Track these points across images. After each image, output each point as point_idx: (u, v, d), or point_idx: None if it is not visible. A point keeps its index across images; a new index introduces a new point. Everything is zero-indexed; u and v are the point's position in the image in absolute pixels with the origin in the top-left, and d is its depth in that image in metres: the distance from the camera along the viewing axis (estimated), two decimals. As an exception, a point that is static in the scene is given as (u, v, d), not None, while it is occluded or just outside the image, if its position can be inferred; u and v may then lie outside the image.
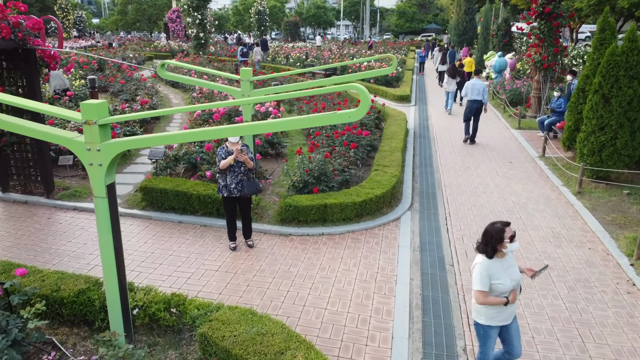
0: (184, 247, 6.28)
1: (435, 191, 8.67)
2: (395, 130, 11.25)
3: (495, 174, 9.63)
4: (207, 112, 11.32)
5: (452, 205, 8.00)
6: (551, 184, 9.10)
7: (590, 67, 9.82)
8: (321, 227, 6.83)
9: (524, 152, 11.33)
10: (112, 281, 4.06)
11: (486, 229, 3.63)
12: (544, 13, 13.63)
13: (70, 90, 12.30)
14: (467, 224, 7.29)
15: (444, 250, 6.45)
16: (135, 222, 7.03)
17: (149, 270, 5.70)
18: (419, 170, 9.93)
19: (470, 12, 36.67)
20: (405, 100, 17.60)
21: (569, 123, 10.13)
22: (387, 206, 7.62)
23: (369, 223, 7.03)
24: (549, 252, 6.47)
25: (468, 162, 10.42)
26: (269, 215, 7.16)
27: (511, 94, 16.56)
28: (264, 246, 6.33)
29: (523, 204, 8.12)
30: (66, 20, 46.41)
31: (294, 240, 6.52)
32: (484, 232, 3.65)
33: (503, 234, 3.54)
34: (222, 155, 5.84)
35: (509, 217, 7.53)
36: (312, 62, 25.19)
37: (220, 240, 6.46)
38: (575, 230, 7.14)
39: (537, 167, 10.16)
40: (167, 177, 7.41)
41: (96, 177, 3.79)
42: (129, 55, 24.22)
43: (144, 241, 6.44)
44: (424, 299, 5.31)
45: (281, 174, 8.59)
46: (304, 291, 5.28)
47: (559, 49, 13.92)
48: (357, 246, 6.40)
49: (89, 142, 3.73)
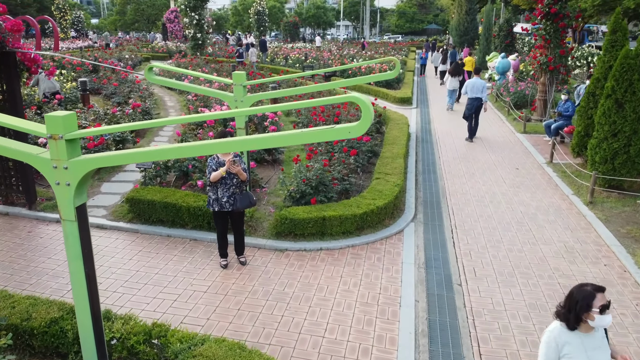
0: (171, 264, 5.85)
1: (439, 200, 8.24)
2: (396, 135, 10.82)
3: (502, 182, 9.20)
4: (202, 116, 10.88)
5: (458, 216, 7.58)
6: (561, 193, 8.68)
7: (601, 70, 9.40)
8: (319, 241, 6.40)
9: (530, 157, 10.91)
10: (84, 312, 3.64)
11: (571, 291, 2.86)
12: (550, 13, 13.21)
13: (60, 93, 11.86)
14: (474, 237, 6.86)
15: (450, 267, 6.02)
16: (121, 236, 6.60)
17: (132, 291, 5.27)
18: (422, 177, 9.51)
19: (472, 13, 36.29)
20: (407, 102, 17.17)
21: (578, 128, 9.70)
22: (390, 217, 7.20)
23: (371, 237, 6.60)
24: (562, 269, 6.04)
25: (473, 169, 9.99)
26: (263, 227, 6.73)
27: (515, 96, 16.13)
28: (257, 263, 5.90)
29: (532, 214, 7.69)
30: (63, 20, 45.96)
31: (289, 256, 6.09)
32: (568, 294, 2.88)
33: (592, 300, 2.73)
34: (213, 167, 5.41)
35: (519, 230, 7.10)
36: (312, 63, 24.77)
37: (210, 256, 6.03)
38: (589, 244, 6.71)
39: (545, 174, 9.73)
40: (155, 188, 6.98)
41: (64, 198, 3.36)
42: (124, 56, 23.77)
43: (129, 257, 6.01)
44: (431, 324, 4.88)
45: (277, 183, 8.16)
46: (300, 316, 4.86)
47: (566, 50, 13.49)
48: (358, 263, 5.97)
49: (55, 159, 3.30)
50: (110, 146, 8.80)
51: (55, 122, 3.21)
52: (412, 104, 17.37)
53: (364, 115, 2.79)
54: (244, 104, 6.31)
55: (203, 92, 6.48)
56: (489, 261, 6.18)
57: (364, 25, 65.72)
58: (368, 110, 2.76)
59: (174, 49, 31.72)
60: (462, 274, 5.85)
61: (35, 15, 39.71)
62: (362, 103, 2.78)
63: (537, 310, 5.13)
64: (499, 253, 6.40)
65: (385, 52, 31.94)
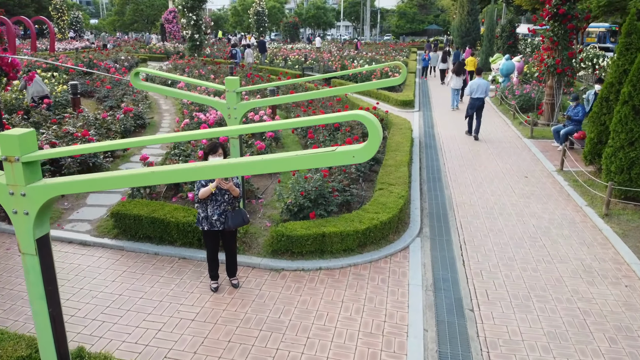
0: (157, 287, 5.38)
1: (446, 212, 7.78)
2: (399, 141, 10.36)
3: (511, 191, 8.74)
4: (196, 121, 10.43)
5: (467, 230, 7.11)
6: (574, 204, 8.22)
7: (614, 75, 8.94)
8: (319, 259, 5.94)
9: (539, 164, 10.44)
10: (49, 357, 3.17)
11: None
12: (558, 14, 12.75)
13: (49, 97, 11.39)
14: (484, 254, 6.39)
15: (461, 289, 5.56)
16: (105, 254, 6.13)
17: (113, 319, 4.81)
18: (427, 186, 9.05)
19: (474, 13, 35.80)
20: (409, 105, 16.72)
21: (591, 135, 9.24)
22: (394, 232, 6.73)
23: (374, 254, 6.14)
24: (581, 291, 5.58)
25: (480, 177, 9.53)
26: (258, 244, 6.26)
27: (521, 99, 15.67)
28: (251, 285, 5.43)
29: (545, 228, 7.23)
30: (61, 21, 45.47)
31: (286, 277, 5.63)
32: None
33: None
34: (202, 182, 4.95)
35: (532, 245, 6.64)
36: (312, 64, 24.31)
37: (200, 277, 5.57)
38: (608, 263, 6.25)
39: (556, 182, 9.27)
40: (142, 201, 6.51)
41: (22, 228, 2.90)
42: (120, 57, 23.31)
43: (112, 279, 5.55)
44: (441, 357, 4.42)
45: (274, 194, 7.69)
46: (297, 349, 4.39)
47: (574, 52, 13.04)
48: (361, 285, 5.50)
49: (12, 184, 2.84)
50: (99, 154, 8.34)
51: (11, 142, 2.74)
52: (415, 107, 16.91)
53: (371, 136, 2.33)
54: (237, 111, 5.85)
55: (193, 99, 6.02)
56: (502, 282, 5.72)
57: (364, 25, 65.26)
58: (376, 132, 2.31)
59: (172, 50, 31.28)
60: (473, 298, 5.39)
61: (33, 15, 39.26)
62: (368, 122, 2.32)
63: (557, 340, 4.67)
64: (512, 273, 5.94)
65: (386, 53, 31.47)
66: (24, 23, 25.77)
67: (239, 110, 5.86)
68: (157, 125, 12.42)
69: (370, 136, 2.32)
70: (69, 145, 8.33)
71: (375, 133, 2.30)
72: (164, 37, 40.55)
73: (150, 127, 12.07)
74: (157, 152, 10.04)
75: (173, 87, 15.91)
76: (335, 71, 21.83)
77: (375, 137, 2.32)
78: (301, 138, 11.40)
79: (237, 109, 5.85)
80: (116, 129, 10.03)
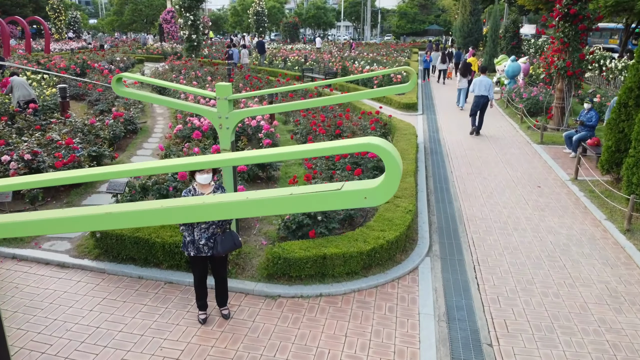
0: (139, 317, 4.83)
1: (456, 227, 7.23)
2: (404, 148, 9.81)
3: (525, 203, 8.19)
4: (190, 127, 9.88)
5: (480, 248, 6.56)
6: (592, 217, 7.67)
7: (634, 79, 8.39)
8: (319, 284, 5.39)
9: (552, 173, 9.89)
10: None
11: None
12: (569, 15, 12.20)
13: (36, 101, 10.83)
14: (500, 277, 5.84)
15: (477, 319, 5.01)
16: (85, 277, 5.58)
17: (88, 357, 4.26)
18: (434, 196, 8.50)
19: (476, 13, 35.26)
20: (412, 108, 16.17)
21: (608, 143, 8.69)
22: (401, 251, 6.18)
23: (380, 277, 5.59)
24: (608, 320, 5.04)
25: (491, 186, 8.98)
26: (252, 265, 5.71)
27: (528, 102, 15.11)
28: (243, 316, 4.88)
29: (564, 245, 6.68)
30: (58, 21, 44.94)
31: (283, 305, 5.07)
32: None
33: None
34: (188, 202, 4.39)
35: (551, 266, 6.09)
36: (312, 65, 23.76)
37: (187, 306, 5.02)
38: (634, 286, 5.71)
39: (571, 193, 8.72)
40: (127, 218, 5.95)
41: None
42: (116, 58, 22.75)
43: (89, 307, 5.00)
44: (459, 405, 3.87)
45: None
46: (295, 396, 3.85)
47: (586, 54, 12.48)
48: (366, 315, 4.95)
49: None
50: (83, 163, 7.79)
51: None
52: (418, 110, 16.36)
53: (388, 172, 1.77)
54: (229, 121, 5.30)
55: (180, 107, 5.47)
56: (521, 310, 5.17)
57: (364, 26, 64.71)
58: (394, 166, 1.75)
59: (169, 51, 30.74)
60: (491, 329, 4.84)
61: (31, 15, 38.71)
62: (384, 154, 1.76)
63: (587, 382, 4.13)
64: (533, 299, 5.39)
65: (387, 54, 30.93)
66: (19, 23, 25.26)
67: (231, 120, 5.31)
68: (149, 130, 11.86)
69: (388, 172, 1.77)
70: (53, 153, 7.78)
71: (393, 168, 1.75)
72: (162, 38, 40.02)
73: (142, 132, 11.51)
74: (148, 160, 9.49)
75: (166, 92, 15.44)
76: (335, 72, 21.28)
77: (394, 173, 1.77)
78: (300, 144, 10.85)
79: (229, 118, 5.30)
80: (105, 136, 9.48)
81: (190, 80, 16.62)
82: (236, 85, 16.59)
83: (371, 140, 1.77)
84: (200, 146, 8.21)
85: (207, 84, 16.28)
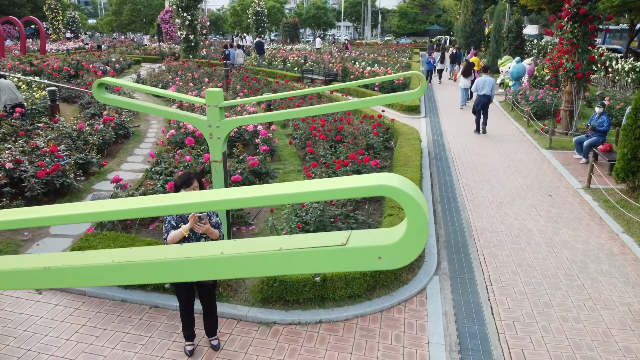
0: (120, 348, 4.38)
1: (465, 241, 6.77)
2: (408, 154, 9.35)
3: (536, 214, 7.74)
4: (183, 132, 9.43)
5: (491, 265, 6.11)
6: (608, 230, 7.21)
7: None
8: (319, 309, 4.93)
9: (562, 181, 9.44)
10: None
11: None
12: (579, 15, 11.75)
13: (23, 105, 10.37)
14: (515, 298, 5.39)
15: (492, 348, 4.56)
16: (64, 300, 5.13)
17: (59, 398, 3.81)
18: (440, 207, 8.05)
19: (478, 13, 34.78)
20: (414, 111, 15.71)
21: (624, 150, 8.24)
22: (408, 269, 5.73)
23: (385, 300, 5.13)
24: (634, 348, 4.59)
25: (499, 195, 8.52)
26: (246, 287, 5.25)
27: (534, 105, 14.65)
28: (234, 347, 4.42)
29: (581, 262, 6.23)
30: (55, 21, 44.48)
31: (278, 334, 4.62)
32: None
33: None
34: (172, 223, 3.95)
35: (569, 286, 5.64)
36: (312, 66, 23.30)
37: (173, 334, 4.56)
38: (661, 308, 5.26)
39: (584, 203, 8.27)
40: (110, 234, 5.50)
41: None
42: (111, 59, 22.29)
43: (66, 336, 4.54)
44: None
45: (266, 225, 6.64)
46: None
47: (596, 56, 12.03)
48: (370, 345, 4.50)
49: None
50: (69, 172, 7.33)
51: None
52: (421, 112, 15.91)
53: (410, 221, 1.33)
54: (220, 130, 4.85)
55: (168, 116, 5.02)
56: (540, 338, 4.72)
57: (365, 26, 64.26)
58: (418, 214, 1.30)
59: (167, 51, 30.29)
60: (508, 361, 4.39)
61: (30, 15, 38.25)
62: (402, 198, 1.30)
63: None
64: (551, 324, 4.94)
65: (389, 55, 30.48)
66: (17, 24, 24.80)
67: (223, 129, 4.86)
68: (142, 134, 11.39)
69: (410, 222, 1.31)
70: (36, 161, 7.31)
71: (417, 217, 1.30)
72: (161, 38, 39.56)
73: (134, 137, 11.04)
74: (139, 167, 9.03)
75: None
76: (336, 73, 20.82)
77: (418, 224, 1.31)
78: (299, 150, 10.41)
79: (220, 127, 4.84)
80: (94, 141, 9.03)
81: (187, 82, 16.16)
82: (233, 87, 16.15)
83: (383, 180, 1.31)
84: (193, 154, 7.76)
85: (204, 85, 15.83)
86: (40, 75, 16.16)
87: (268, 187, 1.51)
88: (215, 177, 4.98)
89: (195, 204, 1.43)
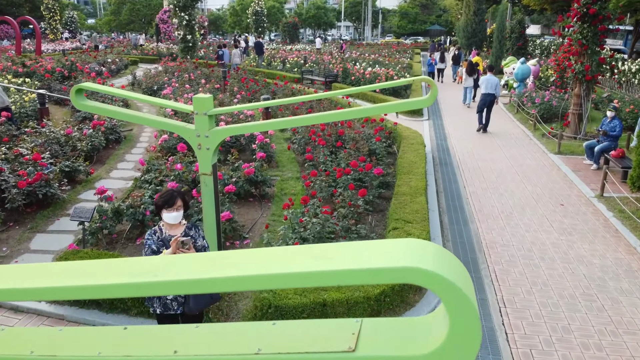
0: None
1: (475, 256, 6.34)
2: (412, 160, 8.92)
3: (549, 225, 7.31)
4: (176, 137, 9.00)
5: (504, 284, 5.68)
6: (625, 243, 6.78)
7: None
8: (317, 336, 4.50)
9: (574, 188, 9.00)
10: None
11: None
12: (588, 15, 11.32)
13: (10, 109, 9.92)
14: (532, 322, 4.96)
15: (509, 383, 4.13)
16: (41, 325, 4.70)
17: None
18: (447, 217, 7.62)
19: (480, 13, 34.32)
20: (417, 113, 15.29)
21: (639, 157, 7.83)
22: (415, 290, 5.30)
23: (389, 326, 4.70)
24: (667, 381, 4.16)
25: (509, 205, 8.09)
26: (238, 311, 4.82)
27: (541, 108, 14.22)
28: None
29: (600, 280, 5.80)
30: (53, 21, 44.08)
31: (274, 366, 4.18)
32: None
33: None
34: (153, 247, 3.52)
35: (589, 308, 5.21)
36: (311, 67, 22.88)
37: (158, 368, 4.13)
38: (689, 333, 4.83)
39: (598, 213, 7.84)
40: (92, 252, 5.06)
41: None
42: (107, 60, 21.86)
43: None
44: None
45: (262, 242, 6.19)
46: None
47: (606, 57, 11.61)
48: (374, 379, 4.06)
49: None
50: (53, 181, 6.91)
51: None
52: (423, 114, 15.49)
53: (454, 323, 0.88)
54: (210, 140, 4.42)
55: (151, 124, 4.59)
56: (561, 370, 4.29)
57: (365, 26, 63.83)
58: (467, 315, 0.85)
59: (165, 51, 29.88)
60: (528, 398, 3.95)
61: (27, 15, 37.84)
62: (441, 287, 0.84)
63: None
64: (572, 353, 4.51)
65: (389, 55, 30.05)
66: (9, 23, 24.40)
67: (212, 139, 4.42)
68: (134, 139, 10.95)
69: (454, 324, 0.87)
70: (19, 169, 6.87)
71: (464, 318, 0.86)
72: (159, 38, 39.15)
73: (126, 142, 10.59)
74: (129, 174, 8.59)
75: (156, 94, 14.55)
76: (336, 74, 20.39)
77: (466, 328, 0.87)
78: (298, 155, 9.98)
79: (209, 137, 4.41)
80: (82, 147, 8.60)
81: (183, 84, 15.74)
82: (231, 88, 15.72)
83: (410, 262, 0.86)
84: (185, 161, 7.33)
85: (201, 87, 15.40)
86: (32, 77, 15.71)
87: (270, 265, 1.07)
88: (205, 191, 4.55)
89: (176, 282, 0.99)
